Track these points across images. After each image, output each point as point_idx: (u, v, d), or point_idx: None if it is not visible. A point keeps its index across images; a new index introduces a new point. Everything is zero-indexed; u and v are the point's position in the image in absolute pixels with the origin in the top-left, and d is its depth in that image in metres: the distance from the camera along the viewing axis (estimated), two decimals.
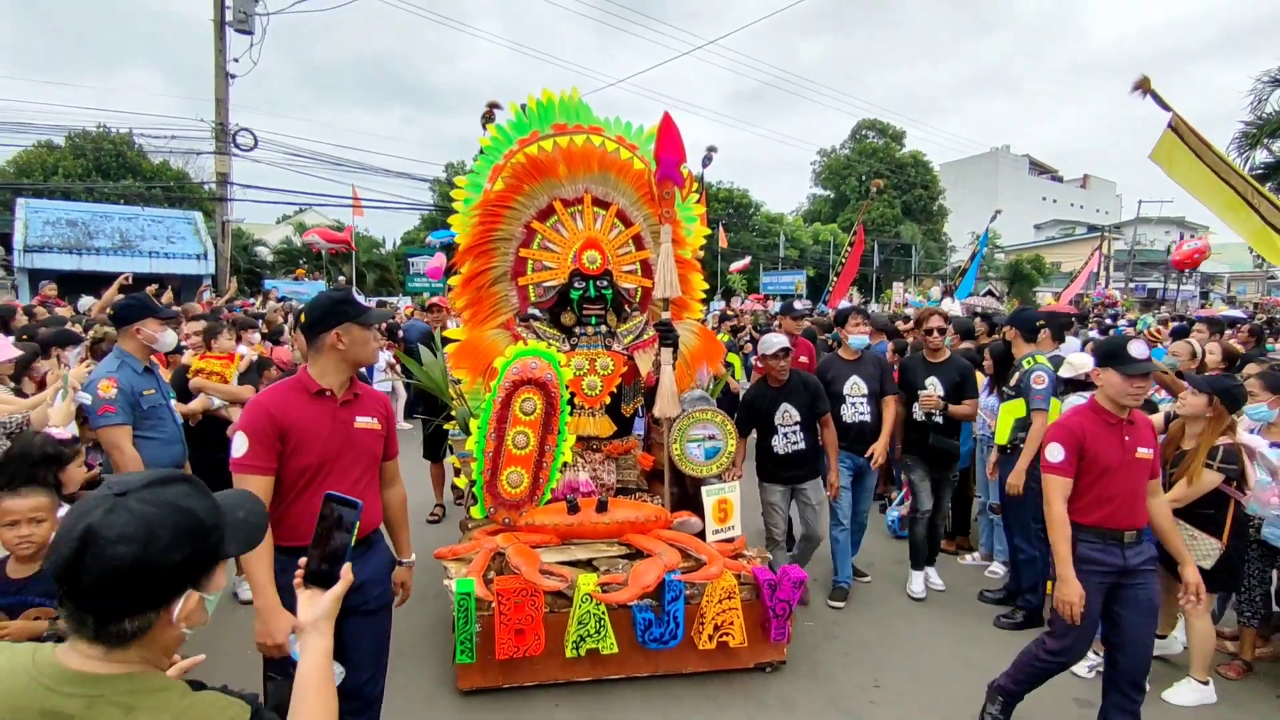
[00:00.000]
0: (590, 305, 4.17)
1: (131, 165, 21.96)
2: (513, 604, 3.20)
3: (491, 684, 3.30)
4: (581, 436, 4.11)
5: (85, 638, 0.98)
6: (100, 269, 15.12)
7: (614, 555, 3.62)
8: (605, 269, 4.18)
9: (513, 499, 3.72)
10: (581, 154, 4.16)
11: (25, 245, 15.55)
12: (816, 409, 4.16)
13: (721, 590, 3.41)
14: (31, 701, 0.94)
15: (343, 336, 2.27)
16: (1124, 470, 2.69)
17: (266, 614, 2.08)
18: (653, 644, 3.35)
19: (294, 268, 23.87)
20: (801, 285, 27.53)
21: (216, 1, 13.51)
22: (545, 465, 3.82)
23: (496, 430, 3.72)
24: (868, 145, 42.23)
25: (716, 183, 35.64)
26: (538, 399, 3.75)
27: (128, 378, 3.29)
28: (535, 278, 4.27)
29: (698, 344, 4.56)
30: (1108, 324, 13.28)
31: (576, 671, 3.35)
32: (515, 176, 4.16)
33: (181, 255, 17.21)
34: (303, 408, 2.24)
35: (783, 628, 3.50)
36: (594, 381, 4.11)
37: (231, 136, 14.41)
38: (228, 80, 13.99)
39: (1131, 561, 2.69)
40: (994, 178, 55.17)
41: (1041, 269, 32.67)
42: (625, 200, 4.31)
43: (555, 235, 4.25)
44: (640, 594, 3.27)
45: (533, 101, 4.46)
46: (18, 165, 20.41)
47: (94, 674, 0.97)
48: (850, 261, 12.69)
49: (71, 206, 17.73)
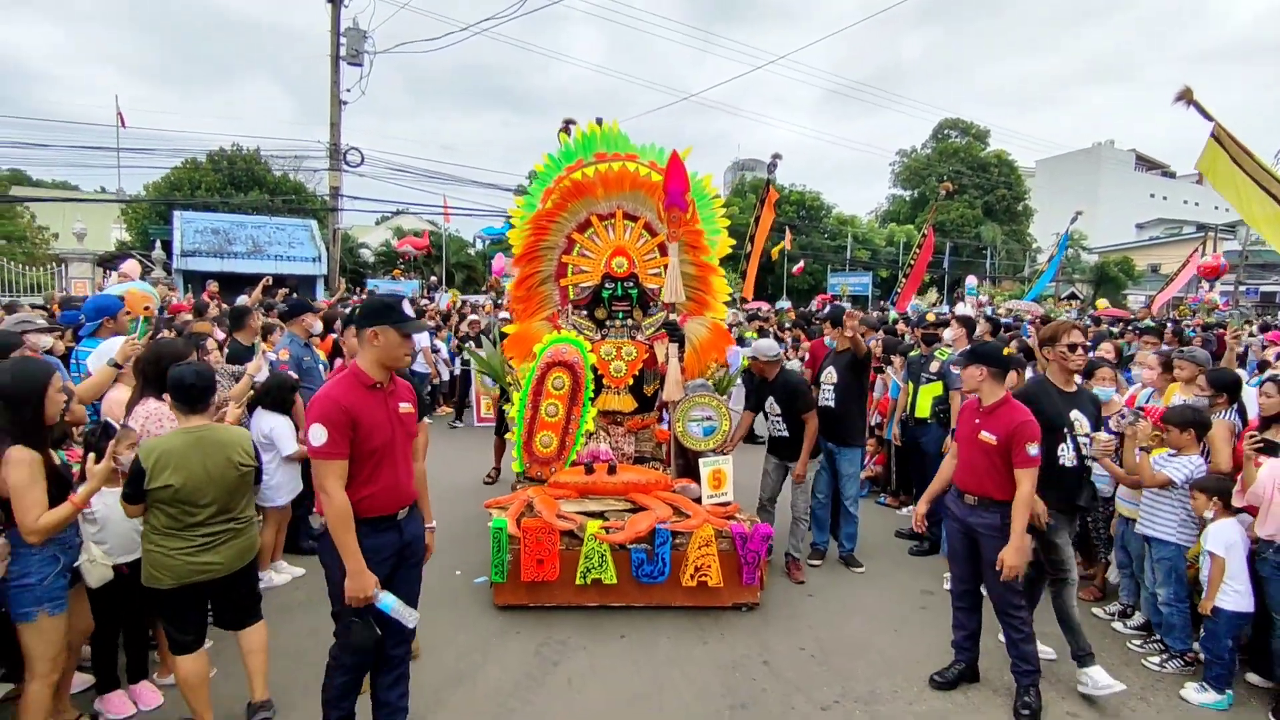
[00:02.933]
0: (618, 302, 5.24)
1: (258, 179, 24.81)
2: (535, 539, 4.16)
3: (520, 602, 4.24)
4: (608, 410, 5.13)
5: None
6: (238, 270, 17.39)
7: (620, 509, 4.55)
8: (631, 272, 5.23)
9: (544, 457, 4.80)
10: (616, 178, 5.19)
11: (182, 250, 18.11)
12: (794, 406, 4.87)
13: (700, 539, 4.24)
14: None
15: (378, 335, 2.55)
16: (966, 445, 3.47)
17: (357, 574, 2.48)
18: (644, 579, 4.23)
19: (393, 268, 26.15)
20: (846, 289, 27.55)
21: (333, 40, 15.42)
22: (571, 431, 4.87)
23: (533, 401, 4.78)
24: (949, 145, 41.10)
25: (789, 185, 35.82)
26: (566, 377, 4.80)
27: (295, 350, 5.15)
28: (574, 279, 5.36)
29: (708, 336, 5.46)
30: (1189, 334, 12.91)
31: (586, 598, 4.26)
32: (561, 196, 5.23)
33: (300, 258, 19.50)
34: (364, 399, 2.54)
35: (753, 574, 4.29)
36: (620, 366, 5.16)
37: (343, 155, 16.36)
38: (340, 106, 15.91)
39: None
40: (1094, 175, 52.08)
41: (1130, 271, 30.92)
42: (651, 215, 5.29)
43: (591, 244, 5.32)
44: (634, 538, 4.18)
45: (579, 133, 5.56)
46: (170, 182, 23.58)
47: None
48: (919, 263, 12.81)
49: (214, 217, 20.40)
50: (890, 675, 3.67)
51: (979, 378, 3.41)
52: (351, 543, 2.48)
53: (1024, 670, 3.37)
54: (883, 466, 6.87)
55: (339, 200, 16.83)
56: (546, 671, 3.63)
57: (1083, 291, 31.59)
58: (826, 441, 5.13)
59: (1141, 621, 4.13)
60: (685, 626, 4.14)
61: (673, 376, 4.88)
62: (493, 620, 4.18)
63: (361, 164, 16.70)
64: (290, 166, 27.06)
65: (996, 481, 3.30)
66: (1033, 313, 12.73)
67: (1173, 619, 3.74)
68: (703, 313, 5.60)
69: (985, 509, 3.35)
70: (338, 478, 2.49)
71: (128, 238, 21.24)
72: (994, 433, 3.29)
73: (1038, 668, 3.40)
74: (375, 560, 2.56)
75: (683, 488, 4.82)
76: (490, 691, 3.44)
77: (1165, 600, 3.76)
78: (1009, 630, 3.40)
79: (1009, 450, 3.24)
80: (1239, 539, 3.41)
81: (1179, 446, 3.78)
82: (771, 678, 3.63)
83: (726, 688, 3.52)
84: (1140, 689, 3.57)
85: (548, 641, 3.93)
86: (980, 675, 3.62)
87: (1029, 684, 3.36)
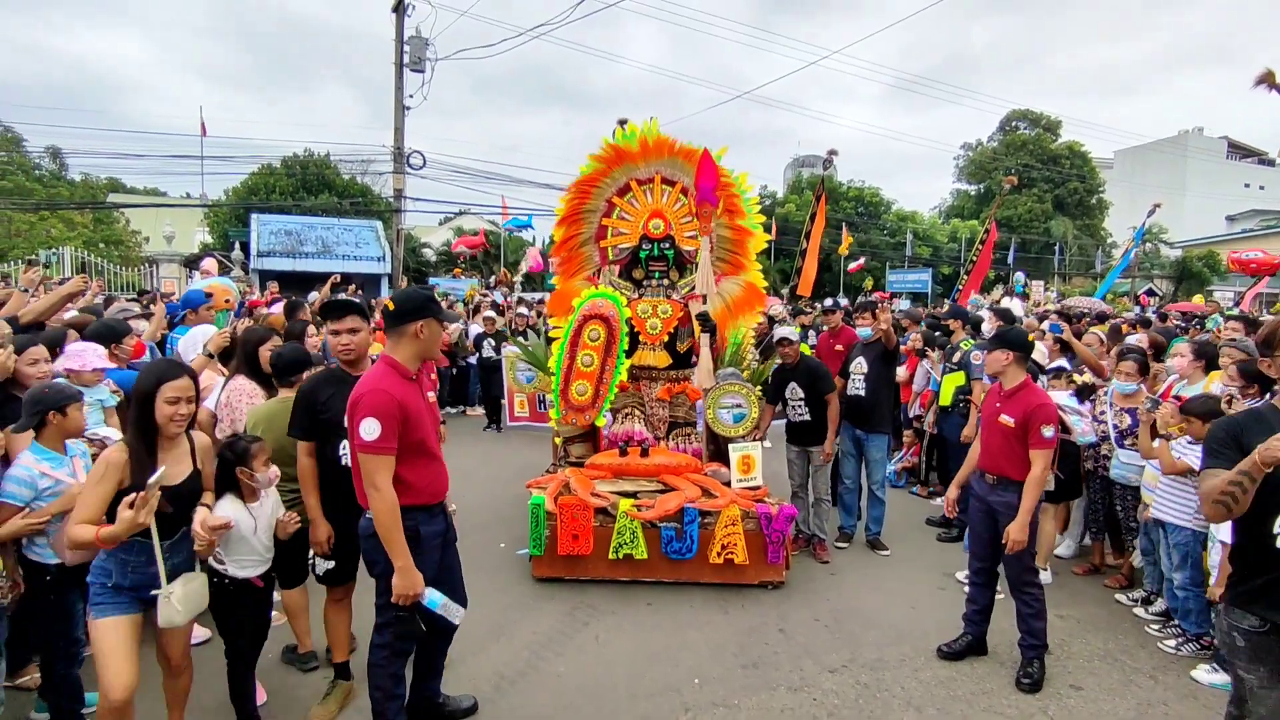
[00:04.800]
0: (655, 263, 5.54)
1: (328, 182, 26.22)
2: (570, 516, 4.45)
3: (556, 574, 4.52)
4: (643, 365, 5.41)
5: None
6: (309, 269, 18.59)
7: (652, 490, 4.79)
8: (668, 234, 5.49)
9: (579, 404, 5.09)
10: (655, 145, 5.48)
11: (258, 251, 19.45)
12: (817, 388, 5.06)
13: (727, 518, 4.45)
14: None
15: (424, 329, 2.59)
16: (987, 428, 3.61)
17: (406, 571, 2.48)
18: (673, 555, 4.47)
19: (454, 267, 27.17)
20: (870, 284, 27.14)
21: (397, 48, 16.24)
22: (605, 380, 5.12)
23: (570, 352, 5.08)
24: (1018, 137, 39.58)
25: (849, 181, 35.27)
26: (601, 329, 5.07)
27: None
28: (613, 241, 5.70)
29: (740, 294, 5.60)
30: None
31: (618, 572, 4.54)
32: (603, 160, 5.55)
33: (366, 258, 20.61)
34: (408, 391, 2.56)
35: (778, 552, 4.49)
36: (655, 323, 5.44)
37: (406, 159, 17.19)
38: (404, 112, 16.72)
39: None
40: (1180, 165, 49.09)
41: (1215, 266, 29.07)
42: (688, 180, 5.46)
43: (630, 207, 5.65)
44: (662, 515, 4.43)
45: (619, 134, 5.83)
46: (248, 186, 25.21)
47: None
48: (981, 259, 12.66)
49: (287, 219, 21.79)
50: (899, 645, 3.85)
51: (1004, 361, 3.56)
52: (401, 540, 2.46)
53: (1030, 644, 3.51)
54: (918, 457, 6.94)
55: (402, 202, 17.70)
56: (577, 630, 3.96)
57: (1162, 288, 30.00)
58: (855, 429, 5.29)
59: (1163, 608, 4.15)
60: (709, 597, 4.40)
61: (704, 365, 5.10)
62: (531, 587, 4.53)
63: (424, 166, 17.52)
64: (358, 170, 28.47)
65: (1014, 462, 3.47)
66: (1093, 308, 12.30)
67: (1188, 603, 3.77)
68: (737, 274, 5.74)
69: (1004, 488, 3.51)
70: (388, 472, 2.47)
71: (210, 239, 22.82)
72: (1012, 415, 3.45)
73: (1044, 643, 3.53)
74: (431, 546, 2.65)
75: (713, 471, 5.04)
76: (526, 643, 3.79)
77: (1181, 585, 3.80)
78: (1021, 605, 3.54)
79: (1025, 432, 3.40)
80: None
81: (1198, 436, 3.80)
82: (784, 642, 3.86)
83: (740, 648, 3.77)
84: (1151, 669, 3.64)
85: (580, 605, 4.26)
86: (989, 650, 3.75)
87: (1034, 657, 3.49)
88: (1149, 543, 4.28)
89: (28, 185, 21.76)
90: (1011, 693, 3.41)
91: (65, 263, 15.42)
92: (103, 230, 21.10)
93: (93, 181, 26.69)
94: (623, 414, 5.37)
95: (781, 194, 35.20)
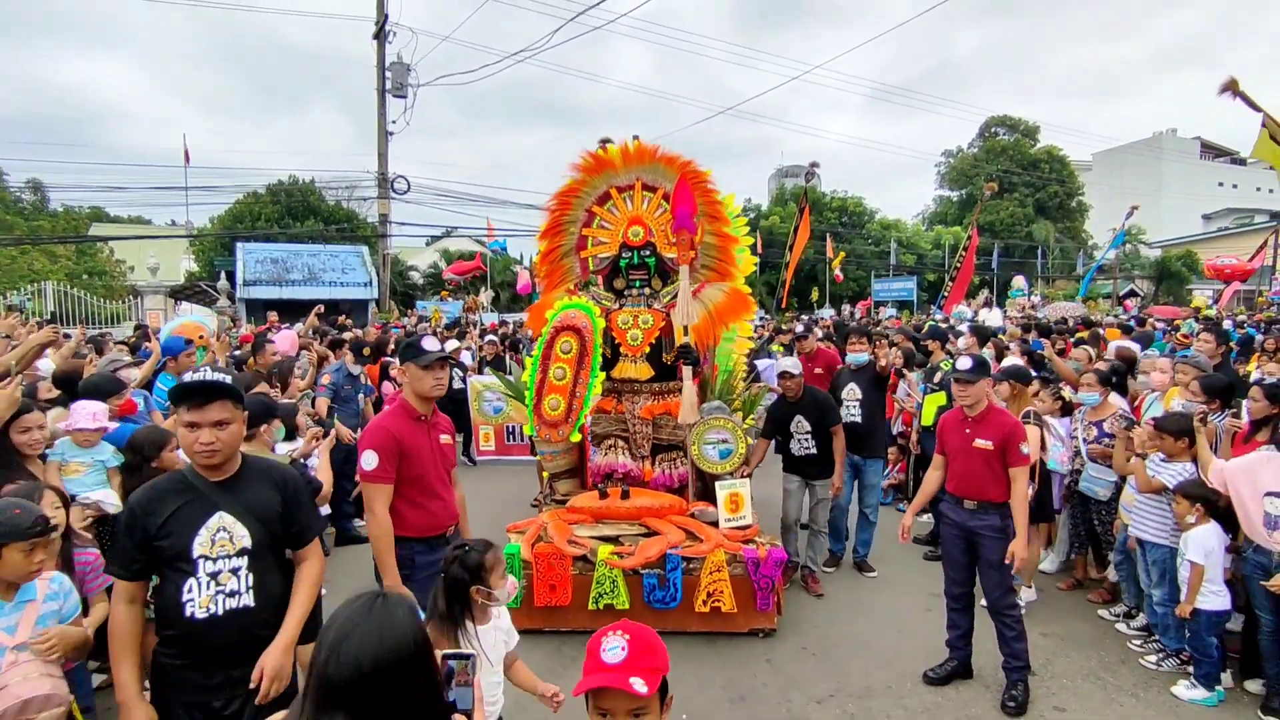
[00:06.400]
0: (635, 271, 5.33)
1: (314, 208, 26.23)
2: (547, 565, 4.23)
3: (535, 626, 4.22)
4: (625, 378, 5.19)
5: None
6: (295, 297, 18.51)
7: (634, 534, 4.52)
8: (648, 241, 5.29)
9: (552, 419, 4.85)
10: (636, 153, 5.33)
11: (244, 280, 19.36)
12: (825, 420, 4.99)
13: (712, 564, 4.19)
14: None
15: (405, 371, 2.89)
16: (958, 456, 3.63)
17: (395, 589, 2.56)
18: (657, 604, 4.19)
19: (441, 289, 27.16)
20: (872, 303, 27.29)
21: (379, 76, 16.34)
22: (579, 395, 4.86)
23: (543, 365, 4.89)
24: (997, 143, 40.17)
25: (831, 191, 35.63)
26: (574, 341, 4.83)
27: (338, 379, 6.12)
28: (593, 251, 5.54)
29: (724, 300, 5.28)
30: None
31: (599, 622, 4.27)
32: (583, 170, 5.43)
33: (353, 284, 20.58)
34: (411, 430, 2.80)
35: (767, 599, 4.20)
36: (636, 334, 5.20)
37: (390, 184, 17.25)
38: (388, 138, 16.81)
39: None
40: (1156, 166, 49.90)
41: (1194, 265, 29.50)
42: (669, 185, 5.25)
43: (610, 216, 5.48)
44: (644, 562, 4.18)
45: (600, 152, 5.75)
46: (233, 214, 25.19)
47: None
48: (965, 266, 12.75)
49: (272, 247, 21.77)
50: (886, 671, 3.87)
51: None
52: (391, 561, 2.69)
53: (1014, 666, 3.54)
54: (905, 474, 6.99)
55: (388, 227, 17.75)
56: (565, 665, 3.96)
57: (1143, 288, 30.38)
58: (853, 454, 5.28)
59: (1144, 623, 4.20)
60: (701, 648, 4.27)
61: (687, 400, 4.89)
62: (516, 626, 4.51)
63: (408, 191, 17.59)
64: (343, 196, 28.52)
65: (995, 484, 3.52)
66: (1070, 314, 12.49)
67: (1167, 619, 3.82)
68: (722, 280, 5.53)
69: (985, 512, 3.55)
70: (384, 500, 2.73)
71: (196, 268, 22.75)
72: (989, 438, 3.50)
73: (1028, 664, 3.57)
74: (431, 574, 2.65)
75: (699, 511, 4.83)
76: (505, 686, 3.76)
77: (1159, 601, 3.86)
78: (1002, 628, 3.58)
79: (1005, 452, 3.46)
80: (1217, 545, 3.51)
81: (1172, 454, 3.88)
82: (772, 673, 3.88)
83: (728, 681, 3.79)
84: (1133, 686, 3.68)
85: (568, 640, 4.25)
86: (974, 673, 3.78)
87: (1018, 679, 3.52)
88: (1122, 555, 4.34)
89: (8, 219, 21.65)
90: (997, 718, 3.45)
91: (47, 296, 15.33)
92: (85, 262, 21.00)
93: (75, 213, 26.58)
94: (606, 445, 5.27)
95: (765, 206, 35.47)
